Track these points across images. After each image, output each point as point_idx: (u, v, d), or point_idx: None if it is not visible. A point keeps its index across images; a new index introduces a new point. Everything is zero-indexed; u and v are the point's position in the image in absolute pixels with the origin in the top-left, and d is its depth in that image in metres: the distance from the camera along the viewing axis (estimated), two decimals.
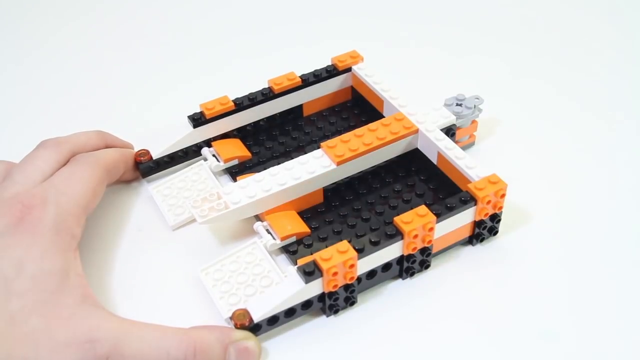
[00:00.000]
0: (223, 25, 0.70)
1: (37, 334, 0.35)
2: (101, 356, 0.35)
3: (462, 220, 0.43)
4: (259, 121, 0.53)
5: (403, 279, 0.44)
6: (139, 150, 0.50)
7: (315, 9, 0.72)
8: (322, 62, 0.56)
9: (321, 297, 0.41)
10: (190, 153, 0.52)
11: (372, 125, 0.49)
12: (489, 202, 0.43)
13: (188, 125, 0.51)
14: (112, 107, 0.60)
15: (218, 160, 0.51)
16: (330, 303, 0.41)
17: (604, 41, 0.65)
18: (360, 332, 0.41)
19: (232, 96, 0.53)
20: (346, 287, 0.41)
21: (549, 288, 0.43)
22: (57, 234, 0.39)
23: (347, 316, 0.42)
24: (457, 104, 0.51)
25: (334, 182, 0.48)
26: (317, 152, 0.47)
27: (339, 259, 0.39)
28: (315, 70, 0.54)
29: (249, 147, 0.53)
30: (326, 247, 0.43)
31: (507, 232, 0.46)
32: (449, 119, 0.50)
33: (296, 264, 0.43)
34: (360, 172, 0.49)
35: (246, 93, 0.53)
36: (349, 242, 0.40)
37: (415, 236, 0.41)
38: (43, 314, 0.36)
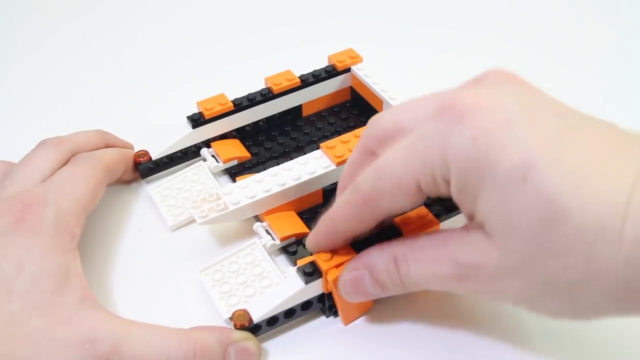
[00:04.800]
0: (220, 24, 0.70)
1: (37, 334, 0.35)
2: (101, 356, 0.35)
3: (462, 221, 0.43)
4: (258, 121, 0.53)
5: None
6: (138, 151, 0.50)
7: (314, 8, 0.72)
8: (320, 61, 0.56)
9: (321, 298, 0.41)
10: (189, 153, 0.52)
11: None
12: None
13: (187, 126, 0.51)
14: (110, 108, 0.59)
15: (217, 161, 0.51)
16: (330, 304, 0.41)
17: (603, 41, 0.65)
18: (360, 333, 0.41)
19: (231, 95, 0.53)
20: None
21: None
22: (57, 234, 0.39)
23: None
24: None
25: (333, 182, 0.48)
26: (316, 153, 0.47)
27: (339, 259, 0.39)
28: (314, 71, 0.54)
29: (248, 148, 0.53)
30: None
31: None
32: None
33: (296, 265, 0.43)
34: None
35: (244, 92, 0.53)
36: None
37: None
38: (43, 314, 0.36)
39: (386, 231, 0.41)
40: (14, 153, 0.47)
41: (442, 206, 0.42)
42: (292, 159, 0.48)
